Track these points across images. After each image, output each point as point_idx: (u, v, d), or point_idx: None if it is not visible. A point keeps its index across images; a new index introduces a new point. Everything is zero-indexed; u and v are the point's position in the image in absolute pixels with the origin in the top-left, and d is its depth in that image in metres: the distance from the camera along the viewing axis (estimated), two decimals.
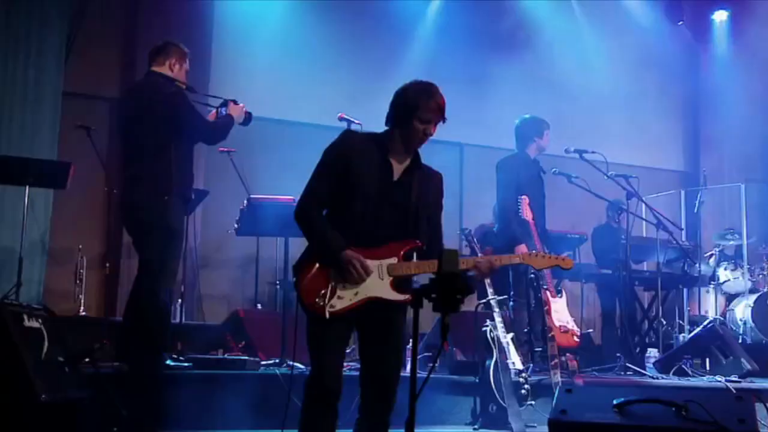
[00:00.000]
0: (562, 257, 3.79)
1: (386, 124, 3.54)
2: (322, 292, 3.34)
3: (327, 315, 3.31)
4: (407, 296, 3.39)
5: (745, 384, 6.04)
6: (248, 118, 5.27)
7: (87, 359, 4.30)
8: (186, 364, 5.13)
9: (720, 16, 10.55)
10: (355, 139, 3.55)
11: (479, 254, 5.59)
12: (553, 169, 6.54)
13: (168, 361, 5.06)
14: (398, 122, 3.48)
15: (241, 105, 5.21)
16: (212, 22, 8.21)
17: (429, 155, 3.73)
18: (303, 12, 8.60)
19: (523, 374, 5.12)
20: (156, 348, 4.89)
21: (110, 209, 7.10)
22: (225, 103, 5.20)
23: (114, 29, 7.97)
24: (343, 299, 3.35)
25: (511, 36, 9.52)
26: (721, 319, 8.35)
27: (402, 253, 3.44)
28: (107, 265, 7.35)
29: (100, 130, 6.57)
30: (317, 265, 3.39)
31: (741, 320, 8.35)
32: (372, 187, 3.42)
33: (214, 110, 5.25)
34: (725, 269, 8.81)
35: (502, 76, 9.36)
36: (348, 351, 4.61)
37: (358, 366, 3.65)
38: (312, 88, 8.45)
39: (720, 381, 6.05)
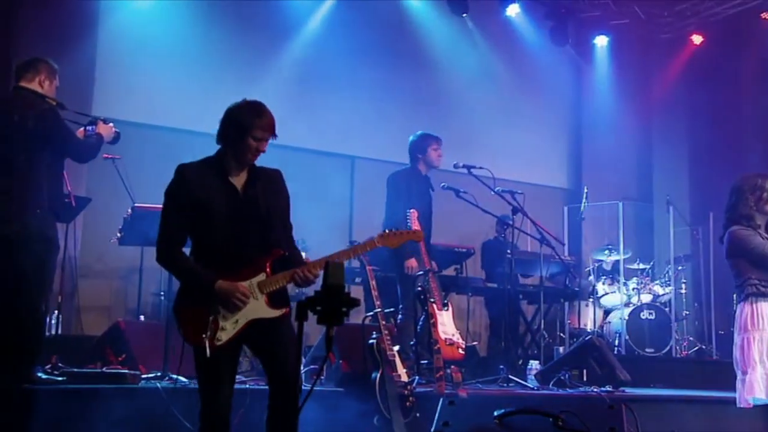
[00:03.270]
0: (412, 230, 4.18)
1: (218, 142, 3.64)
2: (205, 329, 3.43)
3: (208, 353, 3.40)
4: (285, 309, 3.55)
5: (618, 394, 6.30)
6: (117, 137, 5.33)
7: None
8: (59, 378, 4.91)
9: (601, 41, 11.00)
10: (190, 171, 3.60)
11: (367, 267, 5.64)
12: (442, 184, 6.65)
13: (40, 374, 4.85)
14: (231, 141, 3.58)
15: (110, 124, 5.26)
16: (96, 25, 7.93)
17: (320, 167, 3.75)
18: (192, 18, 8.46)
19: (409, 386, 5.17)
20: (29, 361, 4.74)
21: None
22: (94, 122, 5.23)
23: None
24: (227, 330, 3.47)
25: (404, 50, 9.65)
26: (599, 331, 8.71)
27: (268, 267, 3.57)
28: None
29: None
30: (194, 304, 3.49)
31: (616, 333, 8.73)
32: (222, 211, 3.53)
33: (82, 128, 5.24)
34: (603, 284, 9.20)
35: (395, 90, 9.49)
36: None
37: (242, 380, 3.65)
38: (202, 96, 8.30)
39: (595, 391, 6.28)
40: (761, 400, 4.53)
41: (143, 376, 5.34)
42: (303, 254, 6.57)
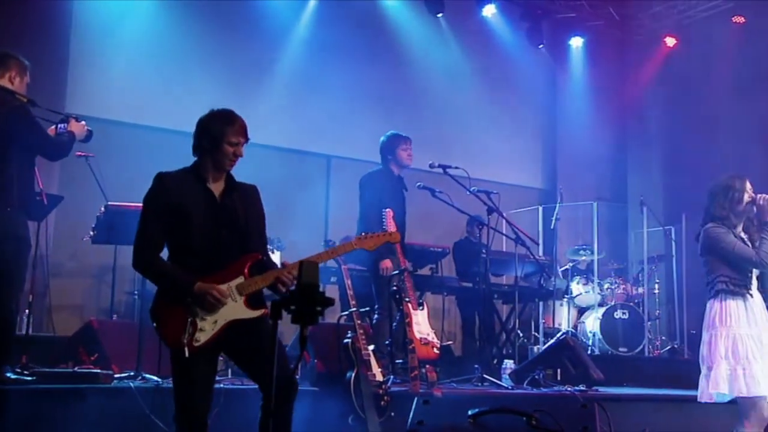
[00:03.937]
0: (388, 233, 4.27)
1: (194, 154, 3.71)
2: (184, 330, 3.45)
3: (186, 354, 3.41)
4: (263, 310, 3.58)
5: (591, 393, 6.34)
6: (89, 135, 5.26)
7: None
8: (29, 378, 4.84)
9: (576, 42, 11.09)
10: (169, 179, 3.65)
11: (343, 267, 5.63)
12: (418, 184, 6.65)
13: (9, 374, 4.78)
14: (208, 150, 3.65)
15: (82, 122, 5.18)
16: (70, 21, 7.86)
17: (297, 166, 3.74)
18: (167, 15, 8.41)
19: (384, 386, 5.16)
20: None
21: None
22: (66, 119, 5.15)
23: None
24: (206, 331, 3.49)
25: (380, 50, 9.65)
26: (573, 331, 8.77)
27: (246, 270, 3.61)
28: None
29: None
30: (172, 305, 3.50)
31: (590, 332, 8.79)
32: (202, 218, 3.58)
33: (53, 126, 5.15)
34: (578, 283, 9.26)
35: (371, 90, 9.49)
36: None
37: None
38: (176, 94, 8.25)
39: (569, 390, 6.32)
40: (723, 396, 4.60)
41: (116, 375, 5.29)
42: (278, 253, 6.57)
